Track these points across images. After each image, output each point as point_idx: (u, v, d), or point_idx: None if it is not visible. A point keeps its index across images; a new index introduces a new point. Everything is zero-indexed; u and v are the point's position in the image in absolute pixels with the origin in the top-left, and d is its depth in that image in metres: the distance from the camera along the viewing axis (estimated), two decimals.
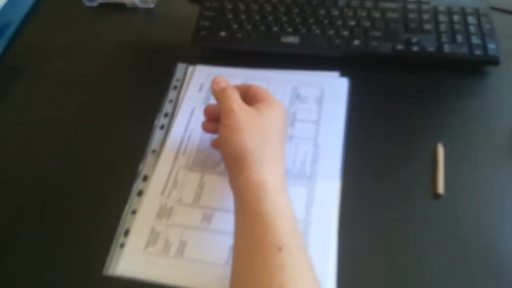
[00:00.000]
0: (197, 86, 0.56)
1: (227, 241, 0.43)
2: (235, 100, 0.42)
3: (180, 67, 0.59)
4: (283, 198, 0.39)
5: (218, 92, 0.44)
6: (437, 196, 0.45)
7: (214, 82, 0.45)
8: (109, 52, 0.62)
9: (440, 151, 0.48)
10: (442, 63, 0.56)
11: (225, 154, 0.42)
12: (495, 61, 0.54)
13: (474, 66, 0.56)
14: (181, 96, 0.55)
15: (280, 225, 0.36)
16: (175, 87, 0.57)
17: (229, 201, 0.46)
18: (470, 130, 0.50)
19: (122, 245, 0.44)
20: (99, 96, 0.57)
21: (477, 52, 0.54)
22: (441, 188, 0.45)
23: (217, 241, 0.43)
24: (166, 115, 0.54)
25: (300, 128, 0.51)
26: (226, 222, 0.44)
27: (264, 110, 0.42)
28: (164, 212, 0.46)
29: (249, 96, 0.45)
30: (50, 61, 0.62)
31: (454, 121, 0.51)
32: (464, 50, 0.54)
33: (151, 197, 0.47)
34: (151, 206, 0.46)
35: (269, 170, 0.39)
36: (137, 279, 0.42)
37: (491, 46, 0.54)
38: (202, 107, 0.54)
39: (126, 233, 0.45)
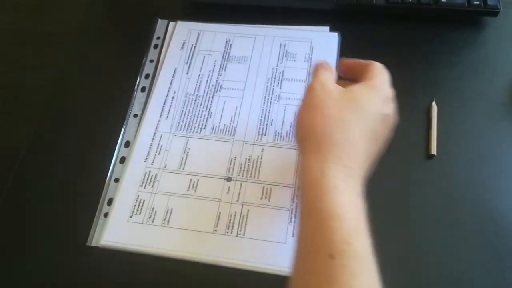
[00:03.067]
0: (179, 44, 0.53)
1: (214, 208, 0.42)
2: (319, 78, 0.37)
3: (161, 24, 0.55)
4: (346, 195, 0.32)
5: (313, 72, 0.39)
6: (430, 156, 0.44)
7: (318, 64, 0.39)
8: (83, 10, 0.57)
9: (434, 110, 0.46)
10: (438, 15, 0.52)
11: (295, 134, 0.38)
12: (494, 12, 0.51)
13: (472, 17, 0.53)
14: (162, 55, 0.52)
15: (335, 229, 0.30)
16: (155, 46, 0.53)
17: (215, 167, 0.44)
18: (466, 86, 0.48)
19: (106, 215, 0.42)
20: (74, 58, 0.54)
21: (476, 1, 0.51)
22: (434, 149, 0.43)
23: (204, 208, 0.42)
24: (147, 76, 0.51)
25: (288, 88, 0.49)
26: (212, 188, 0.42)
27: (357, 92, 0.36)
28: (149, 180, 0.44)
29: (364, 72, 0.38)
30: (19, 19, 0.58)
31: (450, 76, 0.49)
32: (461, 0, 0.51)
33: (134, 164, 0.45)
34: (135, 174, 0.44)
35: (333, 160, 0.33)
36: (122, 249, 0.41)
37: None
38: (186, 67, 0.51)
39: (110, 202, 0.43)
